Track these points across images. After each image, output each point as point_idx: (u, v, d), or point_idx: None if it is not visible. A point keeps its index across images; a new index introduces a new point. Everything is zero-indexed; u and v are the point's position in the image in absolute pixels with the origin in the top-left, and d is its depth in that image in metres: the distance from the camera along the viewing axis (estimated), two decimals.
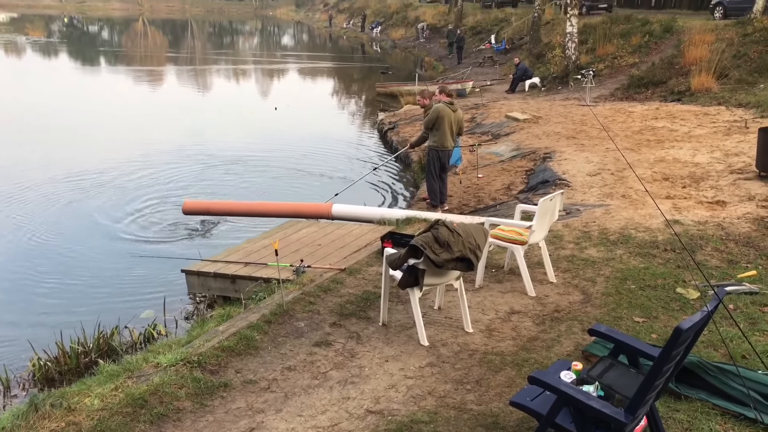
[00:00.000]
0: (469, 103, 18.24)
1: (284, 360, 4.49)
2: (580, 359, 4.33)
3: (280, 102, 22.51)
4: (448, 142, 8.71)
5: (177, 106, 21.70)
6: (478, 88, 21.73)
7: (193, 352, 4.45)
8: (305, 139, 16.55)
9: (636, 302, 5.25)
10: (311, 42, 58.05)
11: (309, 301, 5.42)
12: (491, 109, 16.88)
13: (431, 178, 8.96)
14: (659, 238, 6.69)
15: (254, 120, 19.58)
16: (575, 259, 6.32)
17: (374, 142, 16.75)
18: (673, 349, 2.71)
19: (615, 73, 19.81)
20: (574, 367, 3.24)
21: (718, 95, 14.73)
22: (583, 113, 14.35)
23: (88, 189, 11.66)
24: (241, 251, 7.21)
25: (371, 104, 23.36)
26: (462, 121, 8.93)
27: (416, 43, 41.15)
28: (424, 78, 24.68)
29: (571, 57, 20.84)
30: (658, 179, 8.90)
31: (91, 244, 9.06)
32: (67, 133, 16.65)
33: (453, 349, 4.64)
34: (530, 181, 9.93)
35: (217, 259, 6.96)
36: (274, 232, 8.03)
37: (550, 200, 5.66)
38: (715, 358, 4.20)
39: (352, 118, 21.77)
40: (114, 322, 6.22)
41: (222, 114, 20.74)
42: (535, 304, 5.41)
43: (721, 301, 2.90)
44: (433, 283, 4.75)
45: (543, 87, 21.03)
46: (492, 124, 14.95)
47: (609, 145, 10.91)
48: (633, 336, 4.25)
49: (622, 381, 3.12)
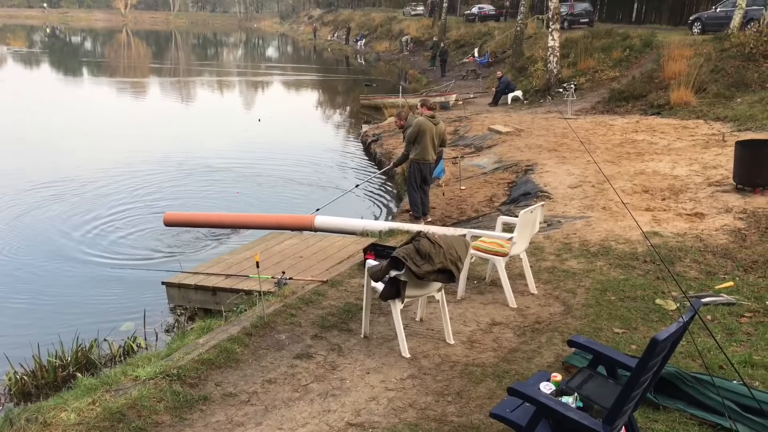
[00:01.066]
0: (453, 116, 18.35)
1: (265, 373, 4.46)
2: (561, 370, 4.35)
3: (263, 113, 22.50)
4: (430, 155, 8.76)
5: (160, 118, 21.61)
6: (462, 101, 21.88)
7: (173, 365, 4.41)
8: (288, 151, 16.54)
9: (616, 313, 5.30)
10: (296, 54, 58.19)
11: (290, 314, 5.40)
12: (474, 121, 17.00)
13: (413, 190, 9.00)
14: (639, 250, 6.76)
15: (238, 131, 19.53)
16: (556, 271, 6.36)
17: (358, 155, 16.78)
18: (650, 359, 2.74)
19: (596, 87, 20.07)
20: (553, 379, 3.25)
21: (696, 109, 14.97)
22: (565, 126, 14.49)
23: (69, 200, 11.55)
24: (222, 263, 7.17)
25: (355, 116, 23.42)
26: (444, 133, 8.98)
27: (400, 56, 41.39)
28: (408, 91, 24.81)
29: (553, 71, 21.09)
30: (638, 191, 9.01)
31: (71, 257, 8.96)
32: (46, 145, 16.50)
33: (434, 360, 4.64)
34: (512, 193, 10.00)
35: (198, 272, 6.92)
36: (255, 244, 8.00)
37: (530, 212, 5.70)
38: (692, 369, 4.25)
39: (336, 130, 21.80)
40: (93, 335, 6.15)
41: (205, 125, 20.67)
42: (516, 315, 5.43)
43: (697, 312, 2.94)
44: (415, 295, 4.75)
45: (525, 100, 21.23)
46: (475, 137, 15.04)
47: (590, 158, 11.03)
48: (612, 347, 4.28)
49: (600, 392, 3.14)
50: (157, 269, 7.81)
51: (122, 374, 4.37)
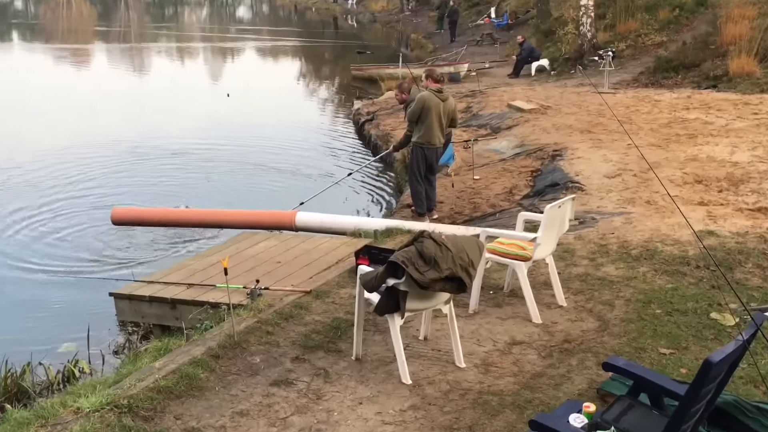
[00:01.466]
0: (464, 90, 18.34)
1: (235, 403, 4.46)
2: (594, 399, 4.36)
3: (233, 87, 22.46)
4: (436, 138, 8.74)
5: (108, 92, 21.56)
6: (475, 72, 21.87)
7: (123, 394, 4.41)
8: (264, 133, 16.52)
9: (662, 330, 5.31)
10: (272, 14, 58.14)
11: (266, 331, 5.39)
12: (490, 97, 16.99)
13: (416, 180, 8.99)
14: (690, 253, 6.77)
15: (202, 109, 19.51)
16: (589, 279, 6.37)
17: (349, 137, 16.77)
18: (702, 386, 2.75)
19: (639, 54, 20.06)
20: (585, 409, 3.26)
21: (761, 81, 14.97)
22: (601, 102, 14.49)
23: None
24: (184, 270, 7.17)
25: (345, 90, 23.42)
26: (455, 111, 8.97)
27: (400, 17, 41.35)
28: (410, 59, 24.80)
29: (586, 35, 21.08)
30: (690, 182, 9.02)
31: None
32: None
33: (441, 388, 4.64)
34: (536, 184, 10.00)
35: (154, 280, 6.92)
36: (224, 247, 8.00)
37: (558, 207, 5.70)
38: (755, 397, 4.26)
39: (321, 108, 21.81)
40: (26, 358, 6.12)
41: (163, 101, 20.64)
42: (541, 332, 5.43)
43: (759, 328, 2.95)
44: (418, 308, 4.75)
45: (552, 71, 21.23)
46: (491, 116, 15.04)
47: (631, 140, 11.03)
48: (657, 371, 4.29)
49: (642, 425, 3.16)
50: (104, 277, 7.81)
51: (61, 405, 4.36)
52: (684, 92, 15.30)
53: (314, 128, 17.65)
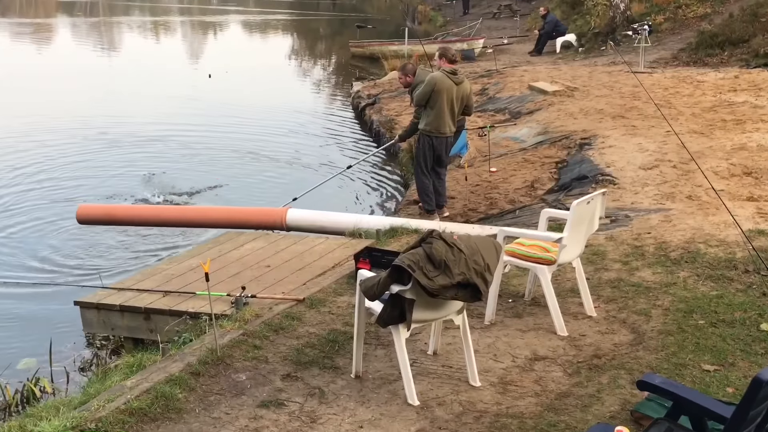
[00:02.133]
0: (480, 70, 18.35)
1: (218, 427, 4.46)
2: (628, 423, 4.36)
3: (216, 67, 22.49)
4: (446, 126, 8.74)
5: (73, 72, 21.59)
6: (492, 49, 21.89)
7: (90, 416, 4.41)
8: (250, 119, 16.54)
9: (705, 344, 5.29)
10: None
11: (253, 345, 5.39)
12: (509, 77, 16.99)
13: (422, 173, 8.99)
14: (738, 256, 6.76)
15: (180, 91, 19.53)
16: (622, 285, 6.36)
17: (348, 123, 16.78)
18: (751, 407, 2.75)
19: (679, 29, 20.05)
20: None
21: None
22: (635, 83, 14.47)
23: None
24: (159, 275, 7.16)
25: (343, 70, 23.45)
26: (470, 97, 8.95)
27: None
28: (417, 34, 24.80)
29: (618, 6, 21.08)
30: (738, 174, 9.01)
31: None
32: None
33: (453, 409, 4.64)
34: (562, 177, 10.00)
35: (125, 287, 6.91)
36: (205, 249, 8.00)
37: (587, 203, 5.70)
38: None
39: (316, 90, 21.83)
40: None
41: (136, 82, 20.65)
42: (567, 346, 5.42)
43: None
44: (426, 319, 4.74)
45: (580, 47, 21.22)
46: (510, 99, 15.04)
47: (670, 127, 11.02)
48: (700, 390, 4.28)
49: None
50: (69, 284, 7.81)
51: (19, 429, 4.37)
52: (731, 72, 15.28)
53: (308, 113, 17.67)
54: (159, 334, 6.13)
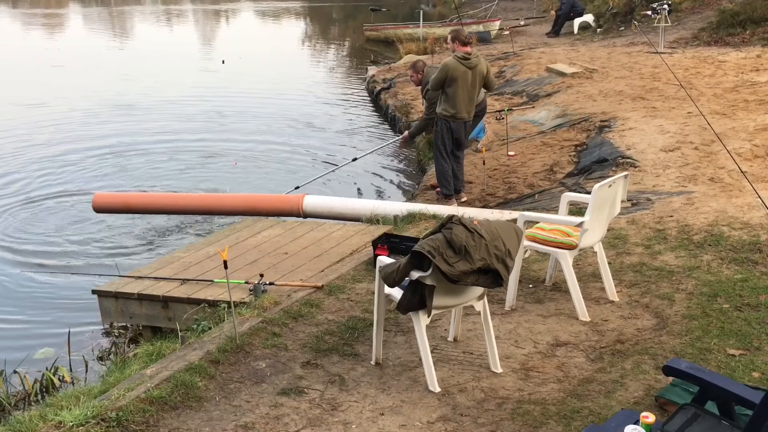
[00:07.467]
0: (496, 52, 18.27)
1: (238, 415, 4.49)
2: (653, 408, 4.35)
3: (228, 53, 22.50)
4: (464, 110, 8.71)
5: (85, 61, 21.66)
6: (508, 30, 21.77)
7: (110, 405, 4.44)
8: (264, 106, 16.54)
9: (730, 328, 5.27)
10: None
11: (272, 333, 5.41)
12: (526, 59, 16.91)
13: (441, 158, 8.98)
14: (763, 238, 6.72)
15: (194, 78, 19.56)
16: (645, 269, 6.34)
17: (363, 109, 16.75)
18: None
19: (699, 7, 19.86)
20: (643, 420, 3.24)
21: None
22: (656, 64, 14.37)
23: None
24: (177, 263, 7.20)
25: (358, 55, 23.39)
26: (488, 74, 8.83)
27: None
28: (432, 16, 24.71)
29: None
30: (762, 155, 8.94)
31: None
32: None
33: (475, 396, 4.65)
34: (581, 161, 9.96)
35: (143, 275, 6.95)
36: (222, 236, 8.02)
37: (609, 187, 5.67)
38: None
39: (330, 75, 21.77)
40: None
41: (149, 70, 20.70)
42: (590, 332, 5.42)
43: None
44: (447, 305, 4.74)
45: (599, 27, 21.07)
46: (528, 81, 14.97)
47: (691, 108, 10.95)
48: (726, 375, 4.26)
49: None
50: (86, 273, 7.86)
51: (40, 419, 4.40)
52: (753, 51, 15.13)
53: (322, 98, 17.66)
54: (177, 323, 6.18)
